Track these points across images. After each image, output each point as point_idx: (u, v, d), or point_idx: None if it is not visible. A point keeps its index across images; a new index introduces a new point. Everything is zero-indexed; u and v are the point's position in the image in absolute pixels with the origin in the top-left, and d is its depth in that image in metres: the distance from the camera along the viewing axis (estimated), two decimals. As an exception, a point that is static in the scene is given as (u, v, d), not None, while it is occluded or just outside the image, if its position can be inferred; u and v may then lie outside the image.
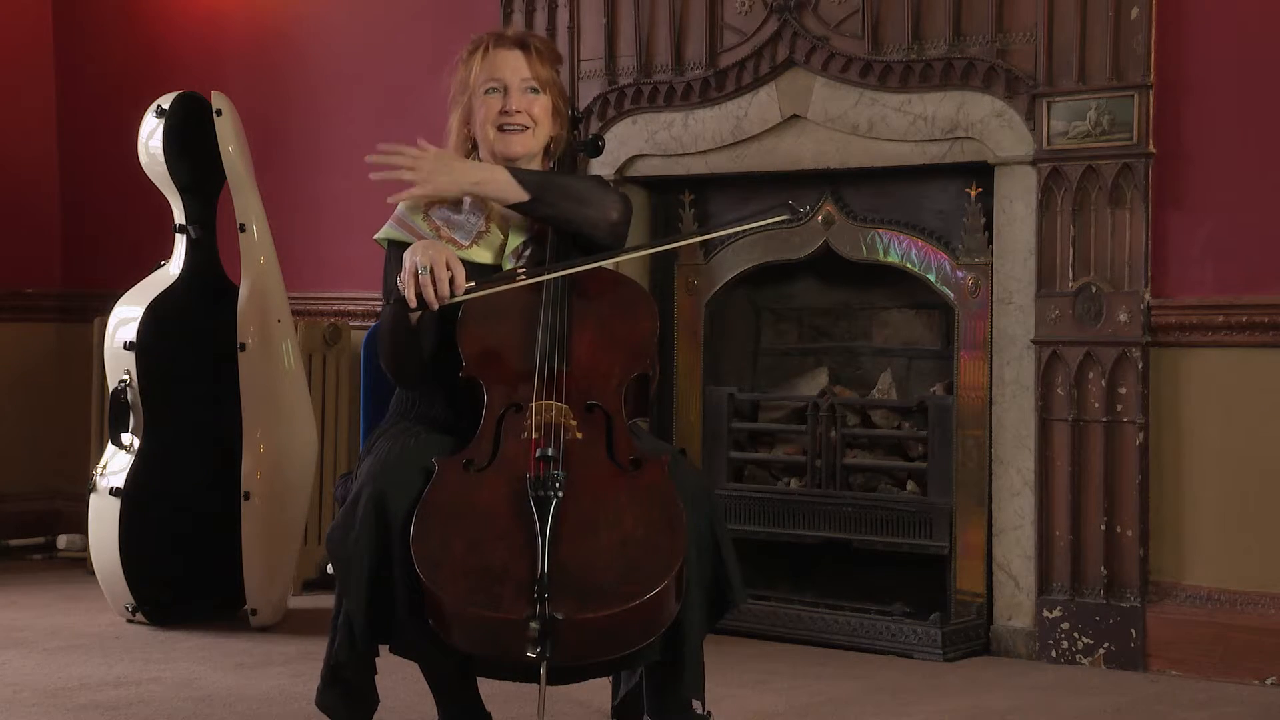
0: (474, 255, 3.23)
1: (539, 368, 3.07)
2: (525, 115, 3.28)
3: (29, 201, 6.33)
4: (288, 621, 4.82)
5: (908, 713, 3.87)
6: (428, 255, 3.06)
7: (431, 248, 3.08)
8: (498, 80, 3.27)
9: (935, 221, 4.69)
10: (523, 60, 3.29)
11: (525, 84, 3.28)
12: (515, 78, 3.27)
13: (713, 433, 5.01)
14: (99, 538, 4.80)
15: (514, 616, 2.81)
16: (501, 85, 3.27)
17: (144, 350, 4.78)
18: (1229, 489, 4.25)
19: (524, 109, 3.27)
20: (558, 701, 3.71)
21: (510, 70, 3.28)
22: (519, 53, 3.29)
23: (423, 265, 3.04)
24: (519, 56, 3.29)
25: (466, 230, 3.25)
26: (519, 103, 3.27)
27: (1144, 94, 4.27)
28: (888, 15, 4.62)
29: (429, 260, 3.05)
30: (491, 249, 3.25)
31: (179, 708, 3.83)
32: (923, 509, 4.62)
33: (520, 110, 3.27)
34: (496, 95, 3.28)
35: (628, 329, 3.17)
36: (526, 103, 3.28)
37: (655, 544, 2.91)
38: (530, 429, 3.01)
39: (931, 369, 4.86)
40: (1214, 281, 4.26)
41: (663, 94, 4.97)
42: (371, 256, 3.45)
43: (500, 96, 3.27)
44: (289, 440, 4.78)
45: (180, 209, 4.94)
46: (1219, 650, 4.20)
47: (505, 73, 3.27)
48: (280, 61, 5.83)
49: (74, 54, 6.36)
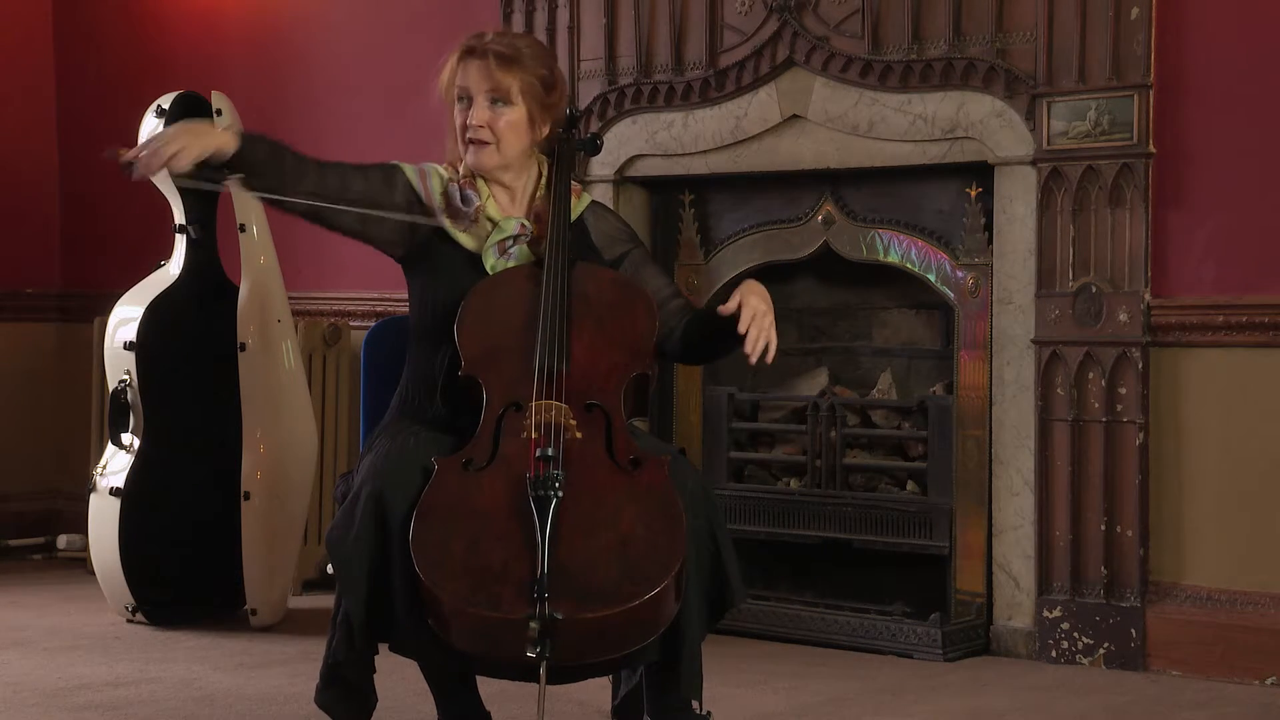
0: (462, 240, 3.24)
1: (538, 367, 3.07)
2: (486, 130, 3.22)
3: (29, 201, 6.34)
4: (288, 621, 4.82)
5: (908, 713, 3.87)
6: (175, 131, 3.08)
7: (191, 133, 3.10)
8: (464, 89, 3.24)
9: (935, 221, 4.69)
10: (484, 71, 3.22)
11: (488, 95, 3.22)
12: (479, 90, 3.23)
13: (713, 433, 5.01)
14: (99, 538, 4.80)
15: (513, 616, 2.81)
16: (467, 95, 3.24)
17: (144, 350, 4.78)
18: (1229, 489, 4.25)
19: (485, 123, 3.22)
20: (558, 701, 3.71)
21: (474, 81, 3.23)
22: (479, 63, 3.22)
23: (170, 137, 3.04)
24: (479, 67, 3.22)
25: (463, 218, 3.26)
26: (479, 116, 3.22)
27: (1144, 94, 4.27)
28: (888, 15, 4.62)
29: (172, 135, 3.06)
30: (477, 239, 3.26)
31: (179, 708, 3.83)
32: (923, 509, 4.62)
33: (481, 125, 3.22)
34: (462, 107, 3.25)
35: (627, 329, 3.17)
36: (489, 116, 3.22)
37: (655, 544, 2.91)
38: (530, 429, 3.01)
39: (931, 369, 4.86)
40: (1214, 281, 4.26)
41: (663, 94, 4.97)
42: (372, 256, 3.45)
43: (465, 109, 3.24)
44: (289, 440, 4.78)
45: (180, 209, 4.95)
46: (1219, 650, 4.20)
47: (471, 82, 3.23)
48: (280, 61, 5.83)
49: (74, 54, 6.36)
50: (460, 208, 3.26)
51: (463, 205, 3.26)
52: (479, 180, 3.27)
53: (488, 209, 3.26)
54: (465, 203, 3.26)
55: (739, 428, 5.00)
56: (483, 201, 3.26)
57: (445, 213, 3.24)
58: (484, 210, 3.26)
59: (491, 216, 3.26)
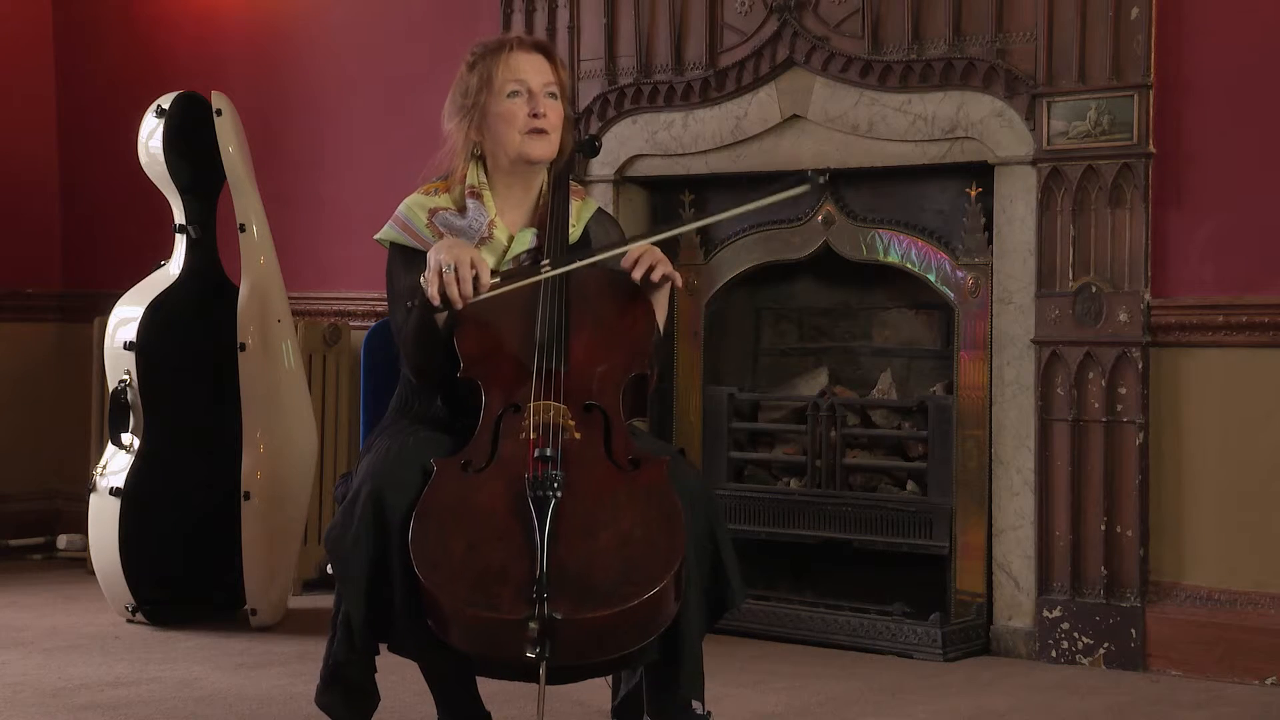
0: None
1: (537, 368, 3.06)
2: (549, 120, 3.24)
3: (29, 201, 6.34)
4: (288, 621, 4.82)
5: (908, 713, 3.87)
6: (452, 253, 3.03)
7: (456, 246, 3.06)
8: (521, 83, 3.22)
9: (935, 221, 4.69)
10: (545, 65, 3.25)
11: (547, 88, 3.24)
12: (539, 81, 3.23)
13: (713, 433, 5.01)
14: (99, 538, 4.80)
15: (513, 617, 2.81)
16: (525, 88, 3.23)
17: (144, 350, 4.78)
18: (1229, 489, 4.25)
19: (548, 112, 3.24)
20: (557, 701, 3.71)
21: (534, 73, 3.23)
22: (541, 57, 3.25)
23: (446, 264, 3.02)
24: (541, 61, 3.25)
25: (470, 236, 3.23)
26: (545, 106, 3.23)
27: (1144, 94, 4.27)
28: (888, 15, 4.62)
29: (453, 258, 3.02)
30: (494, 254, 3.24)
31: (179, 708, 3.83)
32: (923, 509, 4.62)
33: (545, 113, 3.23)
34: (520, 99, 3.22)
35: (625, 329, 3.17)
36: (549, 107, 3.24)
37: (654, 544, 2.91)
38: (528, 429, 3.01)
39: (931, 369, 4.85)
40: (1214, 281, 4.26)
41: (663, 94, 4.97)
42: (372, 256, 3.45)
43: (524, 100, 3.22)
44: (289, 440, 4.78)
45: (180, 209, 4.95)
46: (1219, 650, 4.20)
47: (529, 75, 3.22)
48: (280, 61, 5.83)
49: (74, 54, 6.36)
50: (460, 225, 3.24)
51: (466, 221, 3.24)
52: (485, 192, 3.26)
53: (497, 225, 3.25)
54: (466, 215, 3.25)
55: (739, 428, 5.00)
56: (491, 216, 3.25)
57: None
58: (494, 225, 3.25)
59: (504, 231, 3.25)
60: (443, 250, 3.05)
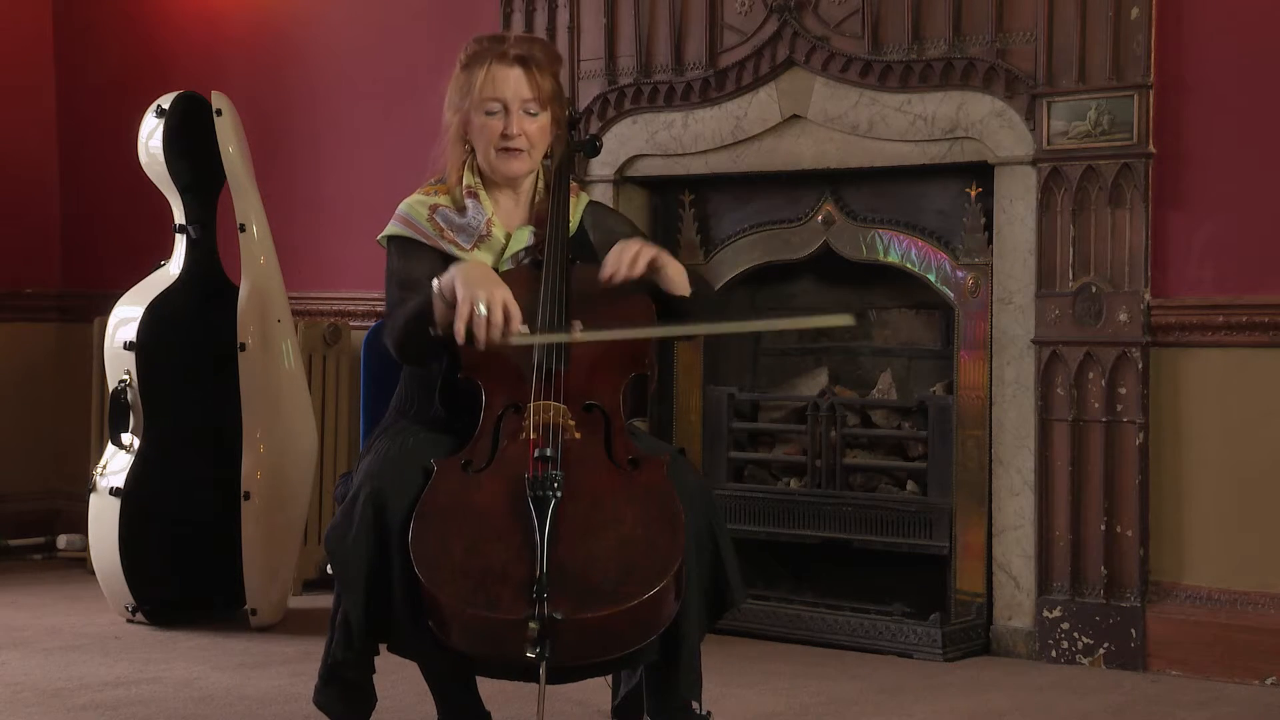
0: (474, 258, 3.22)
1: (537, 368, 3.06)
2: (524, 138, 3.23)
3: (29, 201, 6.34)
4: (288, 621, 4.82)
5: (908, 713, 3.87)
6: (488, 293, 2.98)
7: (488, 281, 3.00)
8: (498, 100, 3.22)
9: (935, 221, 4.69)
10: (524, 80, 3.22)
11: (524, 105, 3.23)
12: (516, 99, 3.22)
13: (713, 433, 5.01)
14: (99, 538, 4.80)
15: (513, 617, 2.81)
16: (501, 106, 3.23)
17: (144, 350, 4.78)
18: (1229, 489, 4.25)
19: (523, 131, 3.22)
20: (557, 701, 3.71)
21: (511, 91, 3.22)
22: (519, 71, 3.23)
23: (481, 305, 2.97)
24: (519, 76, 3.23)
25: (469, 233, 3.24)
26: (518, 126, 3.23)
27: (1144, 94, 4.27)
28: (888, 15, 4.62)
29: (488, 300, 2.97)
30: (492, 252, 3.25)
31: (179, 708, 3.83)
32: (923, 509, 4.62)
33: (519, 134, 3.22)
34: (497, 117, 3.22)
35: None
36: (525, 124, 3.23)
37: (654, 544, 2.91)
38: (528, 429, 3.01)
39: (931, 369, 4.85)
40: (1214, 281, 4.26)
41: (663, 94, 4.97)
42: (372, 256, 3.45)
43: (500, 118, 3.22)
44: (289, 440, 4.78)
45: (180, 209, 4.94)
46: (1219, 650, 4.20)
47: (506, 93, 3.21)
48: (280, 61, 5.83)
49: (74, 54, 6.36)
50: (460, 222, 3.24)
51: (465, 219, 3.25)
52: (481, 192, 3.27)
53: (495, 224, 3.25)
54: (465, 214, 3.25)
55: (739, 428, 5.00)
56: (489, 215, 3.25)
57: (444, 238, 3.23)
58: (492, 224, 3.25)
59: (502, 230, 3.25)
60: (477, 284, 2.99)
